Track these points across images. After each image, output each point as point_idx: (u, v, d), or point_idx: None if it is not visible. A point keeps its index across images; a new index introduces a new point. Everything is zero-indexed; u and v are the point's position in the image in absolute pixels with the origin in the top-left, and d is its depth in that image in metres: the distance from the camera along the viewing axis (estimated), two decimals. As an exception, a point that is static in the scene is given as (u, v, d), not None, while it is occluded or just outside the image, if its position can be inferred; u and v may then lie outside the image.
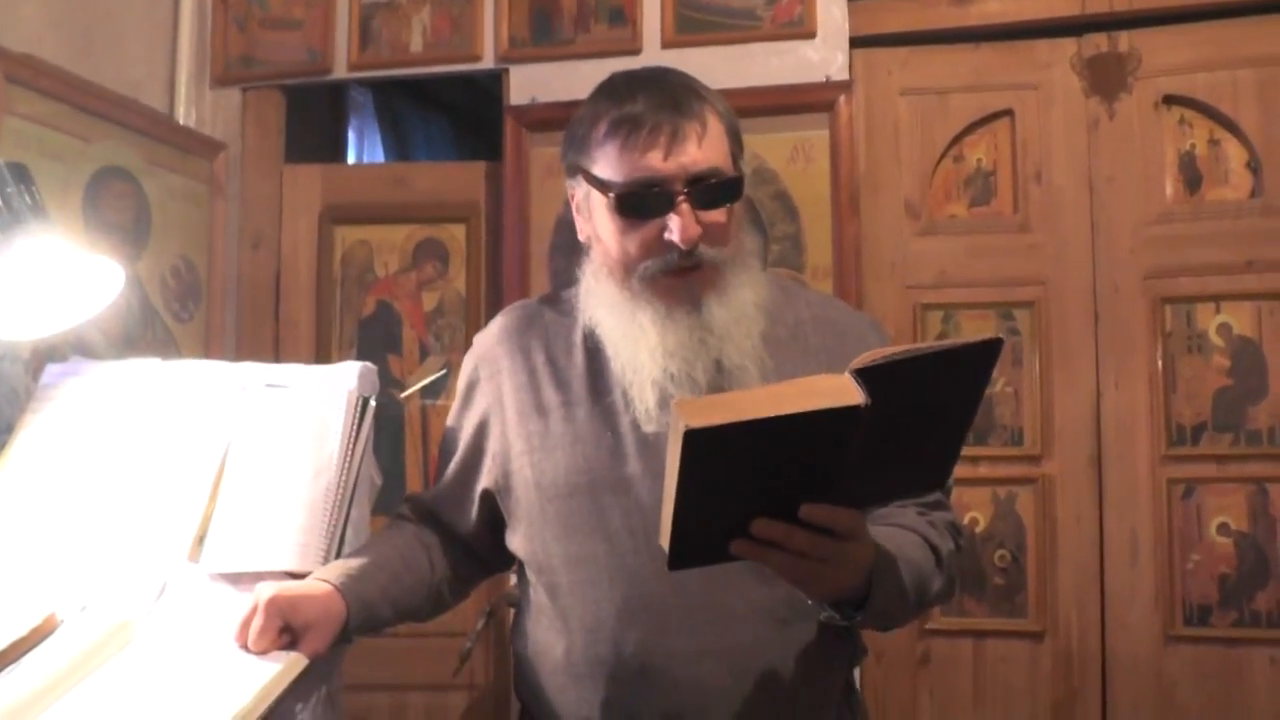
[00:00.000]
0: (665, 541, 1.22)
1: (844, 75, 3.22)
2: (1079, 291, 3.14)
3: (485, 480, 1.67)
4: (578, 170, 1.57)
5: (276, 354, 3.45)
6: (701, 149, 1.48)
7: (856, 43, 3.26)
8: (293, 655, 1.43)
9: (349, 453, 1.66)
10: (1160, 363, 3.08)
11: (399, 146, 4.81)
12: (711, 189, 1.49)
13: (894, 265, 3.24)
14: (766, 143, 3.20)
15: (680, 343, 1.50)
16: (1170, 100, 3.13)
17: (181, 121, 3.42)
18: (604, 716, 1.51)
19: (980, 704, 3.14)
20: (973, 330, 3.18)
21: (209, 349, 3.29)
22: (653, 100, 1.49)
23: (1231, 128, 3.09)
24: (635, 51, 3.30)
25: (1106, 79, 3.15)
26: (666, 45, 3.28)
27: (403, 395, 3.39)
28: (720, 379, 1.51)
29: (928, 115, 3.26)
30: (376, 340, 3.46)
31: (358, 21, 3.50)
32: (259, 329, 3.51)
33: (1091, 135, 3.17)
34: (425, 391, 3.40)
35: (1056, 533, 3.11)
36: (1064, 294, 3.15)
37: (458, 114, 5.12)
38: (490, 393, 1.68)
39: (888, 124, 3.28)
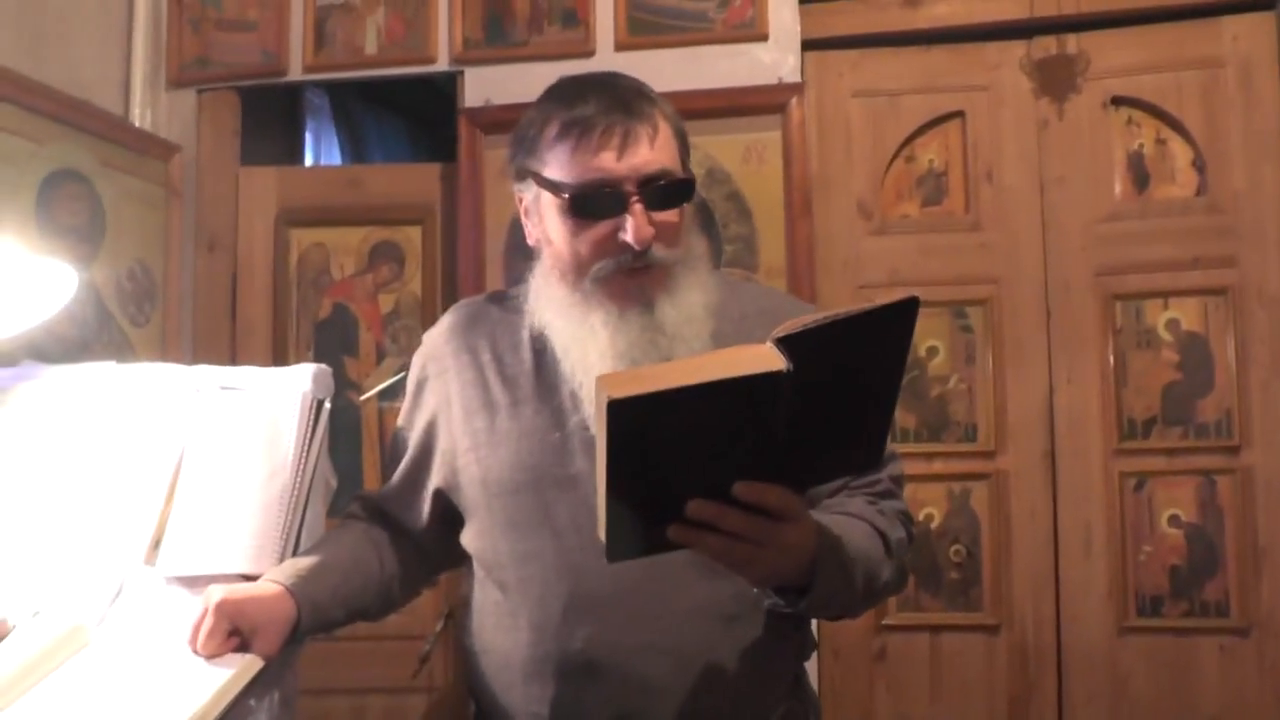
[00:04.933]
0: (601, 530, 1.20)
1: (795, 77, 3.25)
2: (1031, 289, 3.19)
3: (436, 479, 1.68)
4: (527, 174, 1.56)
5: (233, 356, 3.44)
6: (654, 150, 1.49)
7: (808, 45, 3.29)
8: (247, 657, 1.43)
9: (303, 455, 1.66)
10: (1111, 358, 3.13)
11: (355, 148, 4.80)
12: (664, 190, 1.49)
13: (847, 264, 3.27)
14: (719, 144, 3.23)
15: (631, 343, 1.50)
16: (1118, 101, 3.18)
17: (136, 123, 3.40)
18: (553, 713, 1.52)
19: (937, 698, 3.17)
20: (926, 330, 3.21)
21: (165, 352, 3.27)
22: (603, 102, 1.49)
23: (1177, 127, 3.15)
24: (588, 54, 3.31)
25: (1055, 80, 3.20)
26: (619, 48, 3.30)
27: (361, 398, 3.38)
28: None
29: (879, 117, 3.30)
30: (333, 342, 3.45)
31: (313, 23, 3.50)
32: (215, 332, 3.49)
33: (1041, 135, 3.21)
34: (382, 394, 3.40)
35: (1011, 527, 3.15)
36: (1016, 292, 3.19)
37: (413, 115, 5.11)
38: (438, 391, 1.68)
39: (839, 125, 3.31)
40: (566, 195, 1.49)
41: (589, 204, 1.48)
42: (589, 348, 1.52)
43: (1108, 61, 3.19)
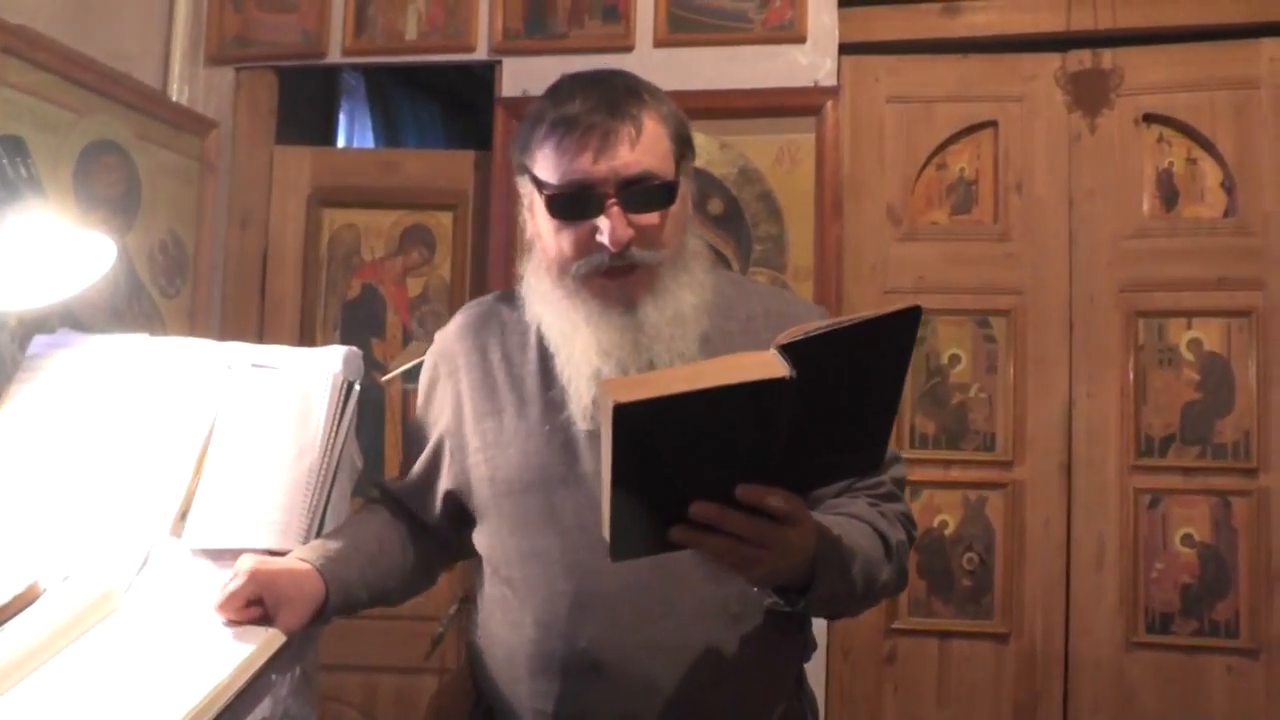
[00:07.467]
0: (605, 530, 1.23)
1: (832, 81, 3.26)
2: (1055, 301, 3.19)
3: (447, 481, 1.70)
4: (524, 170, 1.57)
5: (261, 332, 3.47)
6: (634, 152, 1.48)
7: (845, 49, 3.30)
8: (270, 632, 1.46)
9: (332, 435, 1.69)
10: (1132, 374, 3.13)
11: (389, 131, 4.82)
12: (643, 192, 1.49)
13: (874, 269, 3.28)
14: (753, 144, 3.25)
15: (614, 343, 1.51)
16: (1150, 118, 3.18)
17: (174, 98, 3.43)
18: (558, 710, 1.52)
19: (944, 703, 3.19)
20: (948, 338, 3.22)
21: (194, 325, 3.30)
22: (589, 101, 1.48)
23: (1208, 147, 3.15)
24: (628, 48, 3.32)
25: (1089, 94, 3.20)
26: (658, 44, 3.32)
27: (384, 379, 3.40)
28: None
29: (913, 123, 3.30)
30: (360, 323, 3.48)
31: (353, 6, 3.52)
32: (244, 306, 3.52)
33: (1073, 149, 3.22)
34: (407, 376, 3.40)
35: (1025, 537, 3.16)
36: (1040, 303, 3.20)
37: (449, 101, 5.14)
38: (450, 391, 1.70)
39: (873, 130, 3.32)
40: (547, 194, 1.51)
41: (568, 204, 1.49)
42: (574, 344, 1.53)
43: (1142, 78, 3.19)
